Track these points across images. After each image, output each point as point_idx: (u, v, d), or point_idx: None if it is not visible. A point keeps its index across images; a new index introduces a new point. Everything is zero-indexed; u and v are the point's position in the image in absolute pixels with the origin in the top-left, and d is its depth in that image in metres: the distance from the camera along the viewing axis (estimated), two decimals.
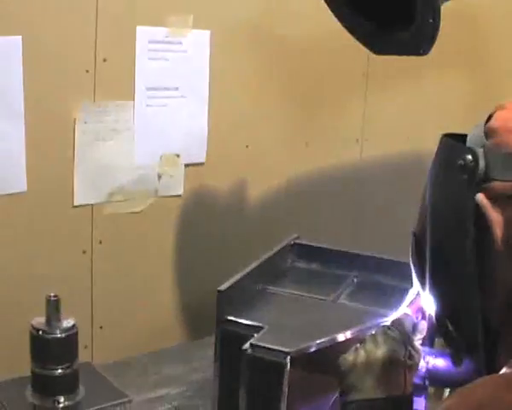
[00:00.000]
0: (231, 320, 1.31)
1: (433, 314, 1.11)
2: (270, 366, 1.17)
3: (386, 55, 1.69)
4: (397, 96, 2.24)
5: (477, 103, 2.30)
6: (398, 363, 1.13)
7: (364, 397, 1.10)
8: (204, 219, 1.97)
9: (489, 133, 0.96)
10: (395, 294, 1.38)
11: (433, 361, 1.29)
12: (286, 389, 1.15)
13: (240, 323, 1.30)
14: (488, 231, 0.94)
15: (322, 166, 2.12)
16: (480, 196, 0.94)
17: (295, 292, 1.50)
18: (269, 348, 1.19)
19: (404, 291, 1.35)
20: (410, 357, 1.14)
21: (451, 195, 1.00)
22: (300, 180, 2.09)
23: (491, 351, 0.97)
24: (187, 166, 1.91)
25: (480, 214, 0.94)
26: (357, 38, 1.57)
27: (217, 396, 1.31)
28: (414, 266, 1.11)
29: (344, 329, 1.26)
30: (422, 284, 1.08)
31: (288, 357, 1.15)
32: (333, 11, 1.50)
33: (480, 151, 0.94)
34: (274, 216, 2.06)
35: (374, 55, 1.55)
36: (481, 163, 0.94)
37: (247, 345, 1.20)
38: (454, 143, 1.02)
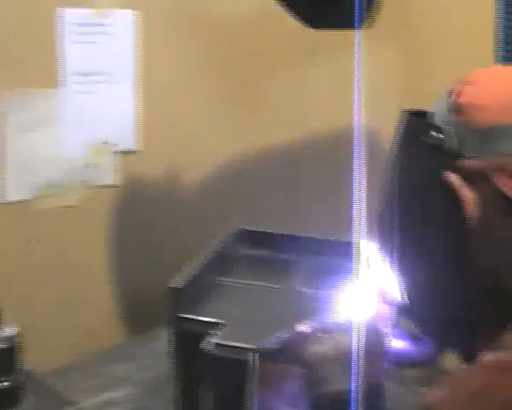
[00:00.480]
0: (186, 318, 1.23)
1: (402, 297, 1.08)
2: (236, 365, 1.11)
3: (324, 30, 1.66)
4: (337, 72, 2.19)
5: (413, 76, 2.30)
6: (368, 351, 1.10)
7: (337, 388, 1.07)
8: (140, 209, 1.88)
9: (457, 110, 0.93)
10: (348, 275, 1.34)
11: (395, 343, 1.28)
12: (255, 387, 1.09)
13: (196, 320, 1.23)
14: (461, 211, 0.92)
15: (262, 146, 2.06)
16: (452, 175, 0.92)
17: (247, 282, 1.43)
18: (234, 347, 1.12)
19: (357, 272, 1.32)
20: (380, 344, 1.12)
21: (420, 174, 0.98)
22: (240, 162, 2.03)
23: (469, 337, 0.95)
24: (118, 153, 1.82)
25: (452, 193, 0.92)
26: (294, 15, 1.53)
27: (177, 401, 1.23)
28: (379, 248, 1.08)
29: (306, 317, 1.21)
30: (389, 266, 1.05)
31: (257, 354, 1.10)
32: None
33: (450, 129, 0.92)
34: (213, 201, 1.99)
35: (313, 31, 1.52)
36: (451, 141, 0.92)
37: (209, 344, 1.14)
38: (420, 120, 0.99)
